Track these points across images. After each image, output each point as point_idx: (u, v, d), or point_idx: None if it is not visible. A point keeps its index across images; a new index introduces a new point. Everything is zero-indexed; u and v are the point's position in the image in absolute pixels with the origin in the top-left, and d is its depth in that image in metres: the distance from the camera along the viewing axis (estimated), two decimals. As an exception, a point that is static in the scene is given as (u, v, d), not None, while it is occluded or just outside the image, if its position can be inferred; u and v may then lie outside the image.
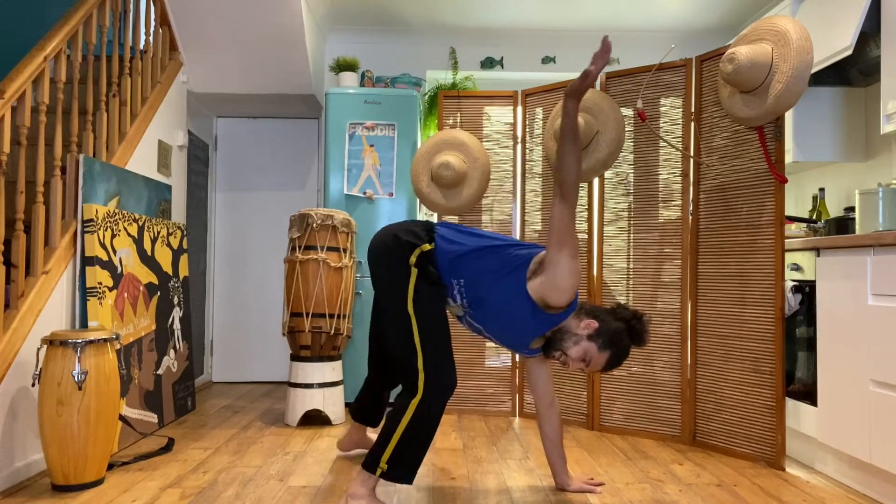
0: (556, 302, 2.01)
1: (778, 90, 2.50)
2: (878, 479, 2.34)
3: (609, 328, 2.09)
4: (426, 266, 2.11)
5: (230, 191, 4.82)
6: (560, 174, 1.99)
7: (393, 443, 2.03)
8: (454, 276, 2.13)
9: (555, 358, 2.14)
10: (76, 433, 2.33)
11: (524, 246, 2.15)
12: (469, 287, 2.11)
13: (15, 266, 2.53)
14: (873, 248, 2.33)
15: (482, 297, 2.10)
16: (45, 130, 2.76)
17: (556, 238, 1.97)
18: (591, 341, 2.09)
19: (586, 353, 2.09)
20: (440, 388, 2.05)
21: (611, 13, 4.32)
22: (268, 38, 3.90)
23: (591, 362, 2.10)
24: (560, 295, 1.99)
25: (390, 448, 2.03)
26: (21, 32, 4.70)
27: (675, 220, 3.14)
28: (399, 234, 2.15)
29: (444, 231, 2.18)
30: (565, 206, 1.97)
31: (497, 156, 3.67)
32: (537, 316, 2.06)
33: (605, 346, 2.09)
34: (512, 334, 2.16)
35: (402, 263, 2.10)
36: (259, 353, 4.77)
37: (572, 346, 2.09)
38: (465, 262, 2.11)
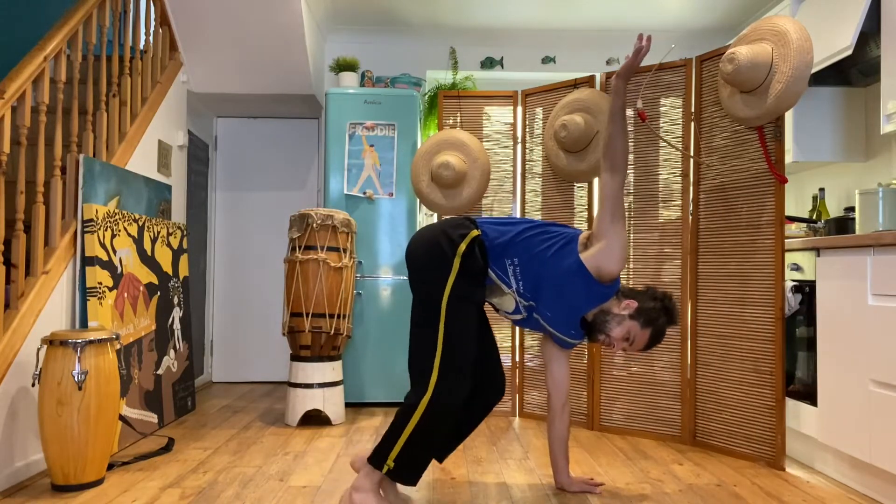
0: (611, 269, 2.08)
1: (778, 90, 2.50)
2: (878, 479, 2.34)
3: (647, 307, 2.16)
4: (473, 256, 2.09)
5: (230, 191, 4.82)
6: (610, 151, 2.13)
7: (402, 441, 2.02)
8: (507, 258, 2.14)
9: (599, 341, 2.17)
10: (76, 433, 2.33)
11: (564, 227, 2.24)
12: (524, 266, 2.13)
13: (15, 266, 2.53)
14: (873, 248, 2.33)
15: (538, 272, 2.12)
16: (45, 130, 2.76)
17: (610, 209, 2.09)
18: (632, 320, 2.15)
19: (629, 331, 2.14)
20: (449, 393, 2.03)
21: (611, 13, 4.32)
22: (268, 38, 3.90)
23: (635, 341, 2.15)
24: (615, 263, 2.07)
25: (398, 446, 2.02)
26: (21, 32, 4.70)
27: (675, 220, 3.14)
28: (447, 230, 2.16)
29: (486, 221, 2.24)
30: (616, 179, 2.11)
31: (497, 156, 3.67)
32: (591, 288, 2.11)
33: (646, 324, 2.15)
34: (565, 311, 2.17)
35: (446, 257, 2.09)
36: (259, 353, 4.77)
37: (615, 326, 2.14)
38: (516, 244, 2.14)
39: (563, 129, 3.15)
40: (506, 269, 2.15)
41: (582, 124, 3.12)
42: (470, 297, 2.10)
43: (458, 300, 2.06)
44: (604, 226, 2.09)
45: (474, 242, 2.11)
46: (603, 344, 2.18)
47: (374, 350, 3.86)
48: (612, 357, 3.28)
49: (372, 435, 3.21)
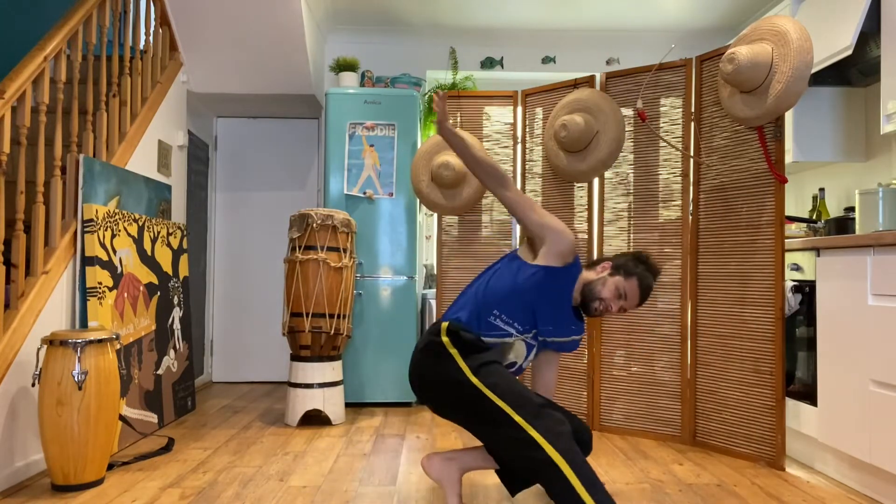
0: (561, 243, 2.07)
1: (778, 90, 2.50)
2: (878, 479, 2.34)
3: (620, 262, 2.18)
4: (460, 337, 2.02)
5: (230, 191, 4.82)
6: (481, 172, 2.13)
7: (584, 496, 1.76)
8: (488, 316, 2.07)
9: (596, 311, 2.15)
10: (76, 433, 2.33)
11: (499, 260, 2.24)
12: (506, 308, 2.08)
13: (15, 266, 2.53)
14: (873, 248, 2.33)
15: (521, 301, 2.08)
16: (45, 130, 2.76)
17: (525, 209, 2.09)
18: (614, 276, 2.15)
19: (617, 287, 2.13)
20: (555, 425, 1.83)
21: (611, 13, 4.32)
22: (268, 38, 3.90)
23: (627, 294, 2.13)
24: (560, 235, 2.07)
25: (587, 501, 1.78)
26: (21, 32, 4.70)
27: (675, 220, 3.14)
28: (424, 340, 2.09)
29: (449, 311, 2.19)
30: (507, 187, 2.11)
31: (497, 156, 3.67)
32: (567, 276, 2.11)
33: (627, 275, 2.14)
34: (563, 312, 2.15)
35: (443, 353, 2.01)
36: (259, 353, 4.77)
37: (602, 287, 2.13)
38: (485, 301, 2.09)
39: (563, 129, 3.15)
40: (495, 325, 2.08)
41: (582, 124, 3.12)
42: (489, 362, 1.99)
43: (481, 368, 1.96)
44: (534, 224, 2.09)
45: (450, 330, 2.04)
46: (601, 311, 2.15)
47: (374, 350, 3.86)
48: (612, 357, 3.28)
49: (372, 435, 3.21)
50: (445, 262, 3.67)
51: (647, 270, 2.16)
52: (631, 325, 3.24)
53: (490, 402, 1.88)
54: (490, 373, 1.94)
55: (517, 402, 1.87)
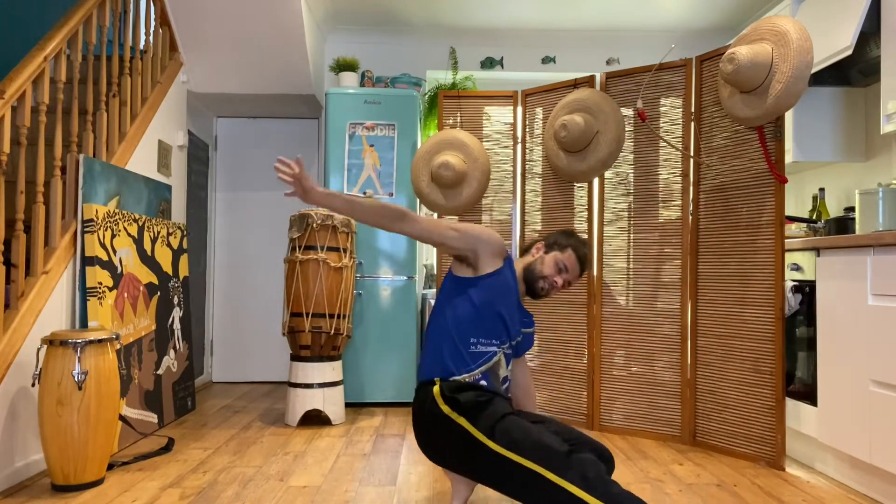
0: (492, 243, 2.02)
1: (778, 90, 2.50)
2: (878, 479, 2.34)
3: (552, 239, 2.22)
4: (454, 399, 1.90)
5: (230, 191, 4.82)
6: (387, 223, 1.95)
7: None
8: (468, 347, 1.98)
9: (542, 290, 2.16)
10: (76, 433, 2.33)
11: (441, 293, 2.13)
12: (480, 330, 2.00)
13: (15, 266, 2.53)
14: (873, 248, 2.33)
15: (488, 317, 2.01)
16: (45, 130, 2.76)
17: (437, 234, 1.98)
18: (549, 252, 2.19)
19: (556, 261, 2.16)
20: (593, 478, 1.67)
21: (611, 13, 4.32)
22: (268, 38, 3.90)
23: (567, 265, 2.16)
24: (488, 237, 2.02)
25: None
26: (21, 32, 4.70)
27: (675, 220, 3.14)
28: (418, 409, 1.98)
29: (424, 363, 2.09)
30: (411, 221, 1.95)
31: (497, 156, 3.66)
32: (504, 275, 2.06)
33: (561, 248, 2.18)
34: (516, 307, 2.12)
35: (451, 425, 1.88)
36: (259, 353, 4.77)
37: (541, 265, 2.16)
38: (457, 335, 1.99)
39: (563, 129, 3.15)
40: (479, 353, 1.99)
41: (582, 124, 3.12)
42: (499, 416, 1.85)
43: (495, 428, 1.82)
44: (458, 240, 1.99)
45: (444, 395, 1.92)
46: (547, 288, 2.15)
47: (374, 350, 3.85)
48: (612, 357, 3.28)
49: (372, 435, 3.21)
50: (445, 262, 3.66)
51: (578, 241, 2.21)
52: (631, 325, 3.24)
53: (516, 465, 1.74)
54: (506, 430, 1.80)
55: (543, 455, 1.71)
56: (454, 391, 1.92)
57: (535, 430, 1.80)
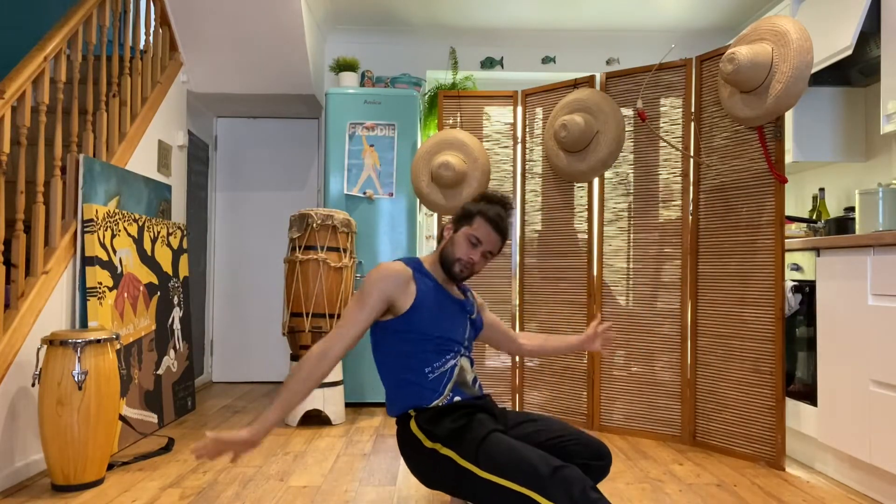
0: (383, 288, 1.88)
1: (778, 90, 2.50)
2: (878, 479, 2.34)
3: (459, 213, 2.03)
4: (437, 434, 1.84)
5: (230, 191, 4.81)
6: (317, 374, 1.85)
7: None
8: (428, 375, 1.91)
9: (461, 273, 1.97)
10: (76, 433, 2.33)
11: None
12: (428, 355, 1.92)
13: (15, 266, 2.53)
14: (873, 248, 2.33)
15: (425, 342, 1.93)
16: (45, 130, 2.76)
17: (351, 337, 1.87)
18: (458, 228, 2.00)
19: (465, 237, 1.96)
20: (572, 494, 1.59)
21: (611, 13, 4.32)
22: (268, 38, 3.90)
23: (479, 237, 1.95)
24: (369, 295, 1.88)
25: None
26: (21, 32, 4.70)
27: (675, 220, 3.14)
28: (403, 444, 1.94)
29: (392, 395, 2.03)
30: (336, 348, 1.84)
31: (497, 156, 3.66)
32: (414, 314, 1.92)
33: (469, 219, 1.98)
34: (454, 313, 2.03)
35: (439, 461, 1.82)
36: (259, 353, 4.77)
37: (452, 247, 1.97)
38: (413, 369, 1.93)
39: (563, 129, 3.15)
40: (440, 374, 1.92)
41: (582, 124, 3.12)
42: (481, 437, 1.78)
43: (479, 451, 1.75)
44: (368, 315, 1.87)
45: (424, 428, 1.87)
46: (466, 270, 1.97)
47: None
48: (612, 357, 3.28)
49: (372, 435, 3.21)
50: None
51: (488, 203, 1.99)
52: (631, 325, 3.24)
53: (504, 488, 1.69)
54: (489, 453, 1.73)
55: (528, 478, 1.65)
56: (432, 423, 1.86)
57: (519, 449, 1.72)
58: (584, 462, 1.87)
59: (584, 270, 3.37)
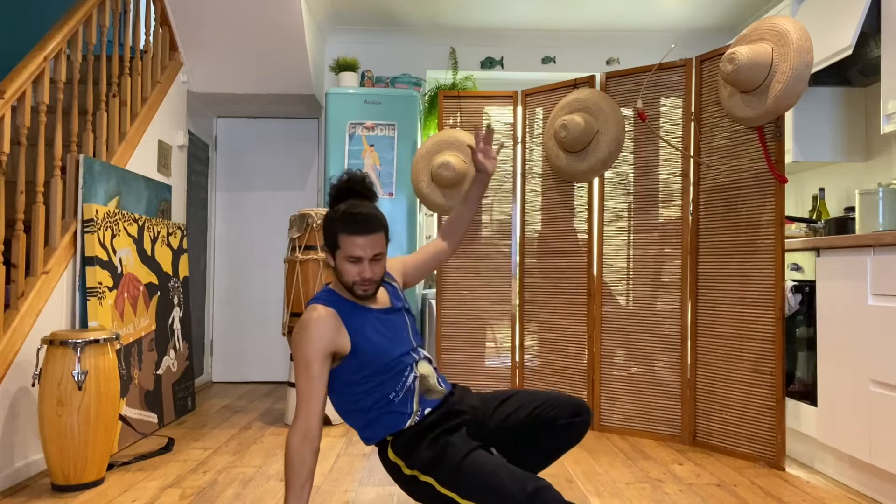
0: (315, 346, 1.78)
1: (778, 90, 2.50)
2: (878, 479, 2.34)
3: (323, 235, 1.89)
4: (415, 458, 1.81)
5: (230, 191, 4.82)
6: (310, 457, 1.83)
7: None
8: (392, 401, 1.85)
9: (365, 291, 1.85)
10: (76, 433, 2.33)
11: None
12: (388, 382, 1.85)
13: (15, 266, 2.53)
14: (873, 248, 2.33)
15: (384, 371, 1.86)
16: (45, 130, 2.76)
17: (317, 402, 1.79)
18: (331, 256, 1.87)
19: (344, 260, 1.82)
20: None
21: (611, 13, 4.32)
22: (268, 38, 3.90)
23: (353, 252, 1.80)
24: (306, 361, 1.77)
25: None
26: (21, 32, 4.70)
27: (675, 220, 3.14)
28: (387, 468, 1.92)
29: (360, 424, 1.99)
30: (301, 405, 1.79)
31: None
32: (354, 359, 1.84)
33: (331, 239, 1.84)
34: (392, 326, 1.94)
35: (420, 487, 1.80)
36: (259, 353, 4.77)
37: (341, 276, 1.86)
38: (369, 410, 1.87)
39: (563, 129, 3.15)
40: (403, 397, 1.86)
41: (582, 124, 3.12)
42: (457, 460, 1.74)
43: (457, 476, 1.73)
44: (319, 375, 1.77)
45: (398, 453, 1.85)
46: (365, 287, 1.84)
47: (374, 350, 3.85)
48: (612, 357, 3.28)
49: (372, 435, 3.21)
50: (445, 262, 3.66)
51: (337, 209, 1.84)
52: (631, 325, 3.24)
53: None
54: (467, 480, 1.71)
55: (505, 497, 1.62)
56: (408, 449, 1.83)
57: (496, 474, 1.68)
58: (567, 422, 1.88)
59: (584, 270, 3.37)
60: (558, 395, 1.92)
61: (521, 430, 1.90)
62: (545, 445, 1.91)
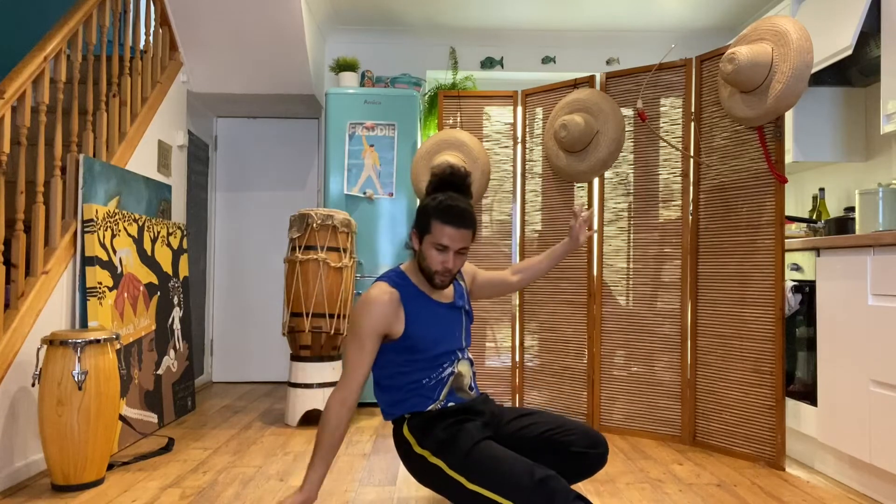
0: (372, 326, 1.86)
1: (778, 90, 2.50)
2: (878, 479, 2.34)
3: (416, 218, 1.95)
4: (428, 437, 1.86)
5: (230, 191, 4.81)
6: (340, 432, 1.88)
7: None
8: (426, 384, 1.90)
9: (443, 283, 1.91)
10: (76, 433, 2.33)
11: None
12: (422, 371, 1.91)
13: (15, 266, 2.53)
14: (873, 248, 2.33)
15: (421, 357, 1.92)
16: (45, 130, 2.76)
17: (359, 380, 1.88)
18: (422, 241, 1.91)
19: (432, 246, 1.88)
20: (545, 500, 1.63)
21: (611, 13, 4.32)
22: (268, 38, 3.90)
23: (444, 241, 1.86)
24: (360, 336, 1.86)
25: None
26: (21, 32, 4.70)
27: (675, 220, 3.14)
28: (399, 448, 1.96)
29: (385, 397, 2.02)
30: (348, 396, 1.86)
31: (497, 156, 3.66)
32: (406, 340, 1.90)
33: (426, 225, 1.88)
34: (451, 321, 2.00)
35: (429, 471, 1.84)
36: (259, 353, 4.77)
37: (425, 262, 1.91)
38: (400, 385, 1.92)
39: (563, 129, 3.15)
40: (433, 385, 1.90)
41: (582, 124, 3.12)
42: (468, 449, 1.78)
43: (467, 462, 1.76)
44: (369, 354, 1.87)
45: (412, 431, 1.89)
46: (446, 277, 1.90)
47: (374, 350, 3.85)
48: (612, 357, 3.28)
49: (372, 435, 3.21)
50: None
51: (437, 202, 1.86)
52: (631, 325, 3.24)
53: (491, 501, 1.72)
54: (477, 465, 1.74)
55: (513, 491, 1.66)
56: (423, 429, 1.87)
57: (506, 460, 1.72)
58: (581, 451, 1.87)
59: (584, 270, 3.37)
60: (578, 424, 1.95)
61: (533, 446, 1.90)
62: (553, 468, 1.87)
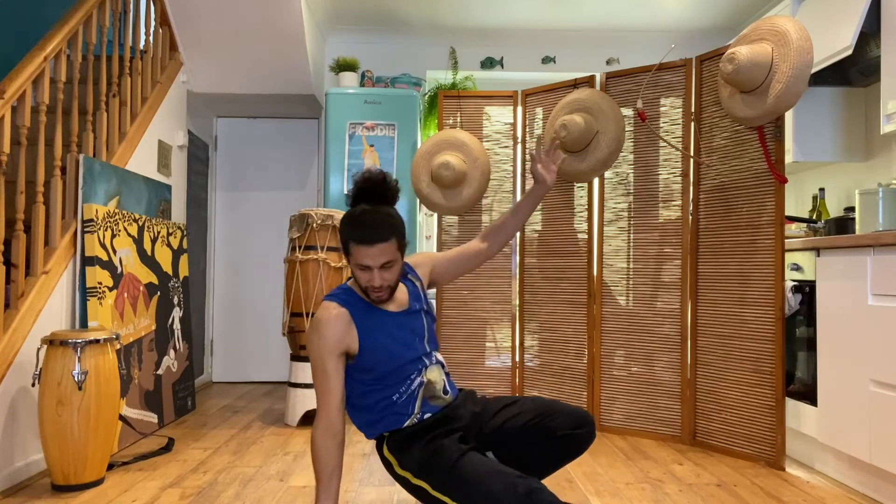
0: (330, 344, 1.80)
1: (778, 90, 2.50)
2: (878, 479, 2.34)
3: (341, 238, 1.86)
4: (407, 456, 1.82)
5: (230, 191, 4.82)
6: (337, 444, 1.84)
7: None
8: (395, 401, 1.86)
9: (379, 297, 1.84)
10: (76, 433, 2.33)
11: None
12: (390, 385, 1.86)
13: (15, 266, 2.53)
14: (873, 248, 2.33)
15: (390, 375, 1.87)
16: (45, 130, 2.76)
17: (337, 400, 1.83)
18: (347, 259, 1.85)
19: (355, 267, 1.82)
20: None
21: (611, 13, 4.32)
22: (268, 38, 3.90)
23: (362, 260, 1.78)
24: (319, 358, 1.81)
25: None
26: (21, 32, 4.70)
27: (675, 220, 3.14)
28: (385, 466, 1.92)
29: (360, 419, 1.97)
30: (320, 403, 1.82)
31: (497, 156, 3.66)
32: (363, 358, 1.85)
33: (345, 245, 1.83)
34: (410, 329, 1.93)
35: (415, 489, 1.81)
36: (259, 353, 4.77)
37: (357, 280, 1.86)
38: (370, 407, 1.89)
39: (563, 128, 3.15)
40: (405, 400, 1.86)
41: (582, 124, 3.12)
42: (450, 465, 1.73)
43: (449, 478, 1.71)
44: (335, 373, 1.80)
45: (392, 451, 1.86)
46: (380, 293, 1.82)
47: (374, 350, 3.85)
48: (612, 357, 3.28)
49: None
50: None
51: (346, 220, 1.80)
52: (631, 325, 3.24)
53: None
54: (459, 483, 1.69)
55: (496, 501, 1.61)
56: (402, 449, 1.84)
57: (489, 477, 1.66)
58: (567, 433, 1.85)
59: (584, 270, 3.37)
60: (560, 405, 1.90)
61: (519, 437, 1.88)
62: (543, 455, 1.88)
